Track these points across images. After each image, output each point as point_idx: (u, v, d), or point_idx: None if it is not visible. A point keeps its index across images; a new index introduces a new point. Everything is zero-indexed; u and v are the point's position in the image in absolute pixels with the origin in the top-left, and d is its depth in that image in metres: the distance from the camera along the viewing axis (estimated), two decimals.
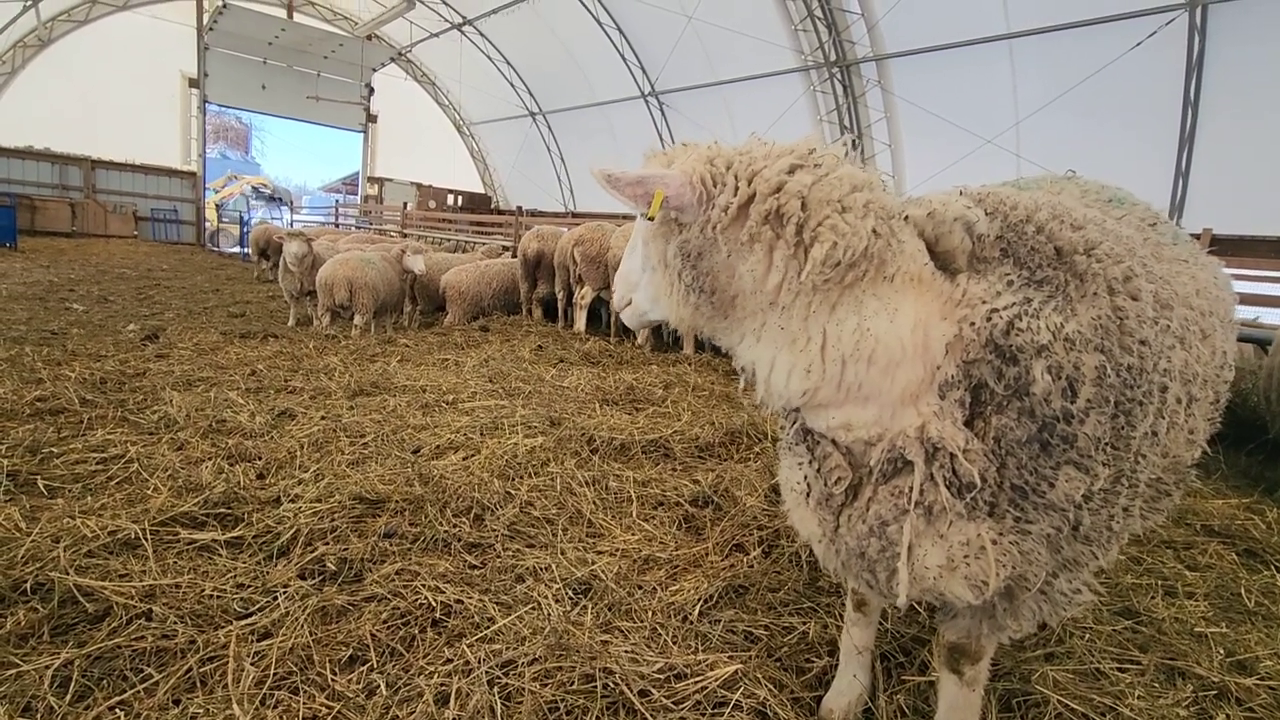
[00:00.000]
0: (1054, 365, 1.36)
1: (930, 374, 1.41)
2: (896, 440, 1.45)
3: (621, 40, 20.63)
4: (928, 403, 1.42)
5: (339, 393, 5.09)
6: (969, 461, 1.40)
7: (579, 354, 7.13)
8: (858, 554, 1.61)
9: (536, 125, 27.35)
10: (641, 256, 1.67)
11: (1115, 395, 1.39)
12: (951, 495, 1.43)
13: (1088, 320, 1.39)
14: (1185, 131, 11.65)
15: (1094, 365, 1.37)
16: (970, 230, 1.45)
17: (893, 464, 1.48)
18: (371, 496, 3.26)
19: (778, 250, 1.39)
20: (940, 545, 1.48)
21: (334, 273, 7.80)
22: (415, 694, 2.02)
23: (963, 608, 1.63)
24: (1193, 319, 1.69)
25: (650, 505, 3.50)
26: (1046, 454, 1.39)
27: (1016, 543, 1.46)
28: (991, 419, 1.41)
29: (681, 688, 2.10)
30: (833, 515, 1.63)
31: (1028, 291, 1.42)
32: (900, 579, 1.51)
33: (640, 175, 1.42)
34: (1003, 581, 1.49)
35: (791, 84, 17.41)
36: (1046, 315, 1.38)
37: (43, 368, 5.05)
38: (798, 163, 1.42)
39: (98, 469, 3.44)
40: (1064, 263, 1.44)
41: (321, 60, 25.01)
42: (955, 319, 1.40)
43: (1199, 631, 2.62)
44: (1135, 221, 1.89)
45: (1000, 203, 1.56)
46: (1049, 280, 1.43)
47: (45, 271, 12.20)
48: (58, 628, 2.24)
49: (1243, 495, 4.18)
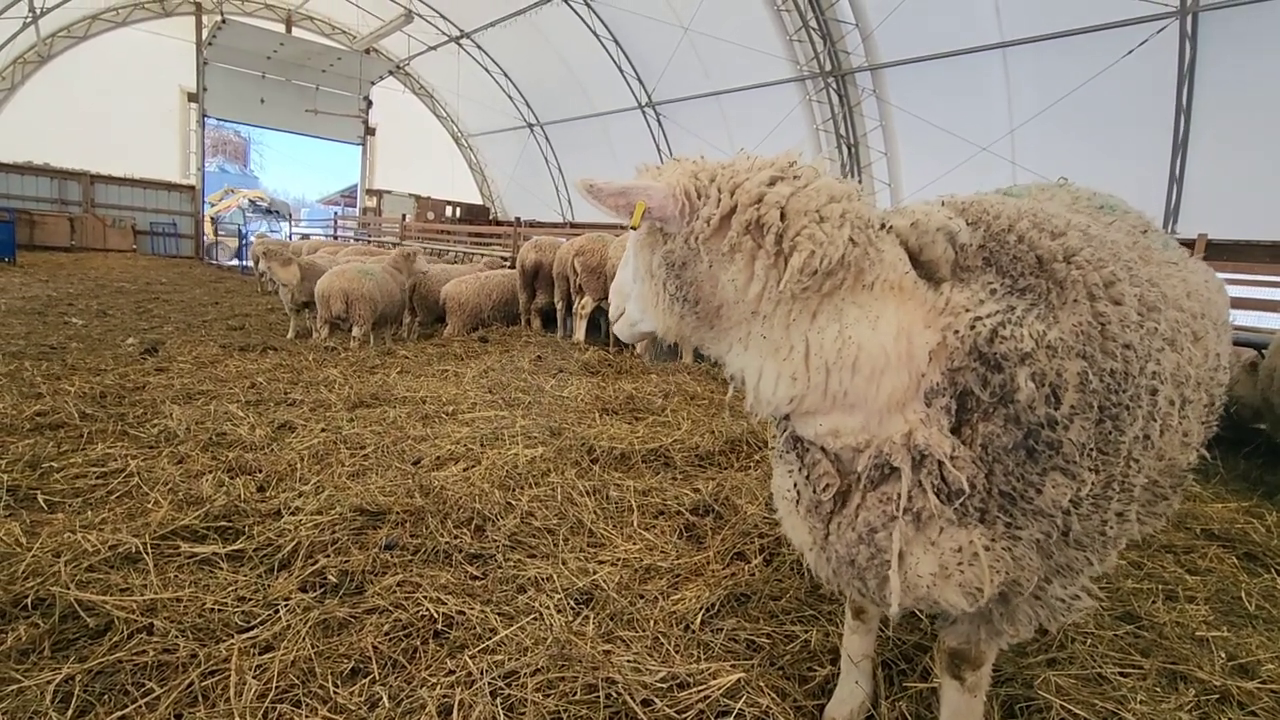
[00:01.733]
0: (1037, 372, 1.37)
1: (916, 381, 1.43)
2: (883, 447, 1.46)
3: (618, 52, 20.77)
4: (914, 409, 1.43)
5: (339, 405, 5.09)
6: (956, 468, 1.41)
7: (578, 364, 7.14)
8: (848, 561, 1.62)
9: (534, 136, 27.48)
10: (632, 267, 1.70)
11: (1099, 400, 1.40)
12: (940, 502, 1.44)
13: (1069, 327, 1.41)
14: (1178, 138, 11.73)
15: (1076, 371, 1.38)
16: (953, 240, 1.48)
17: (880, 470, 1.50)
18: (372, 508, 3.26)
19: (758, 260, 1.42)
20: (932, 552, 1.49)
21: (330, 284, 7.82)
22: (418, 706, 2.02)
23: (960, 614, 1.64)
24: (1183, 321, 1.71)
25: (651, 514, 3.50)
26: (1033, 460, 1.41)
27: (1009, 549, 1.47)
28: (978, 426, 1.42)
29: (684, 697, 2.10)
30: (822, 523, 1.64)
31: (1011, 299, 1.44)
32: (891, 586, 1.51)
33: (623, 187, 1.46)
34: (997, 588, 1.50)
35: (787, 94, 17.52)
36: (1029, 323, 1.39)
37: (42, 382, 5.06)
38: (778, 175, 1.45)
39: (98, 483, 3.44)
40: (1045, 270, 1.46)
41: (320, 74, 25.18)
42: (939, 327, 1.42)
43: (1200, 636, 2.62)
44: (1125, 228, 1.91)
45: (983, 212, 1.58)
46: (1031, 288, 1.45)
47: (44, 286, 12.21)
48: (59, 643, 2.24)
49: (1242, 499, 4.19)
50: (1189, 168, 11.87)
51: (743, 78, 18.02)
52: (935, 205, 1.59)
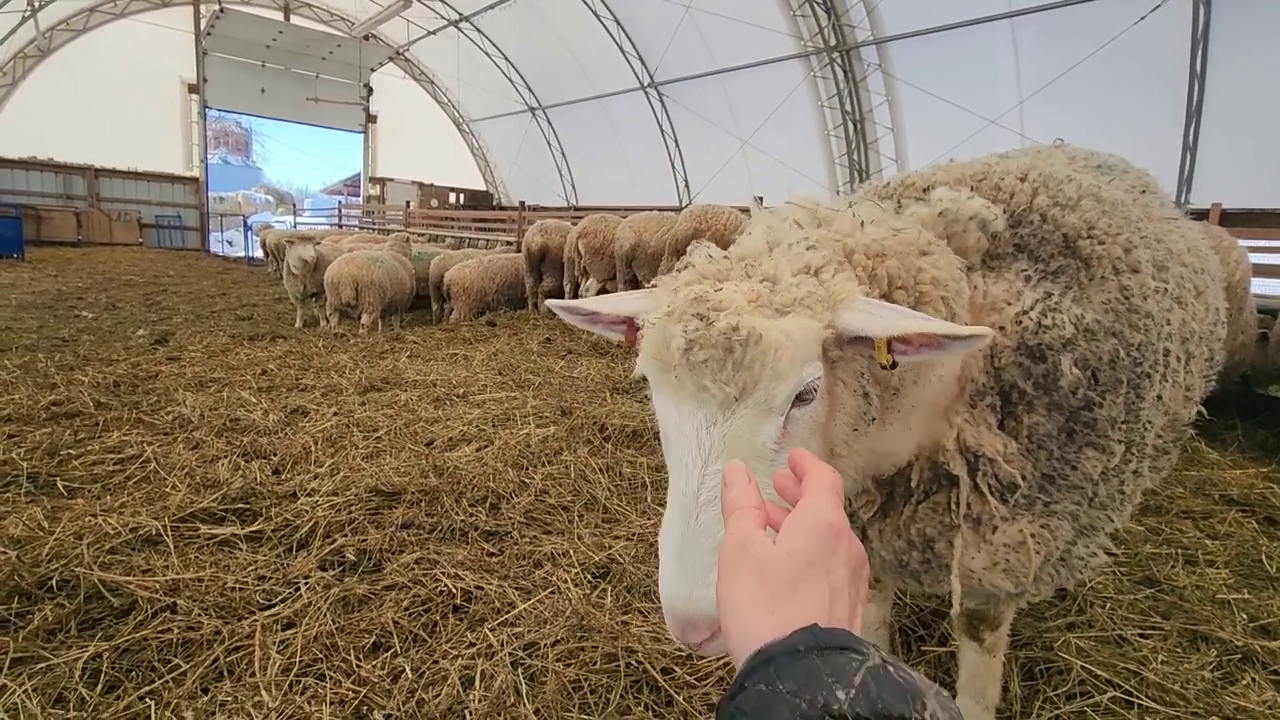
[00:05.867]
0: (1079, 358, 1.34)
1: (962, 387, 1.38)
2: (936, 457, 1.40)
3: (619, 32, 20.53)
4: (957, 411, 1.39)
5: (350, 389, 5.11)
6: (1009, 464, 1.38)
7: (587, 344, 7.13)
8: (896, 565, 1.58)
9: (536, 120, 27.27)
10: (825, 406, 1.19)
11: (1127, 375, 1.39)
12: (998, 502, 1.40)
13: (1099, 305, 1.38)
14: (1191, 106, 11.51)
15: (1109, 349, 1.37)
16: (985, 228, 1.40)
17: (935, 480, 1.44)
18: (387, 489, 3.27)
19: None
20: (986, 549, 1.45)
21: (340, 272, 7.83)
22: (440, 677, 2.03)
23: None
24: (1187, 276, 1.68)
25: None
26: (1071, 441, 1.39)
27: (1046, 525, 1.46)
28: (1023, 418, 1.39)
29: (704, 665, 2.11)
30: (859, 530, 1.60)
31: (1046, 285, 1.39)
32: (954, 591, 1.45)
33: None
34: (1039, 566, 1.48)
35: (791, 70, 17.29)
36: (1067, 308, 1.36)
37: (56, 373, 5.09)
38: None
39: (115, 469, 3.47)
40: (1071, 249, 1.42)
41: (319, 62, 25.03)
42: (986, 325, 1.36)
43: (1221, 598, 2.61)
44: (1124, 187, 1.87)
45: (996, 190, 1.52)
46: (1063, 269, 1.41)
47: (53, 281, 12.28)
48: (85, 622, 2.26)
49: (1261, 465, 4.15)
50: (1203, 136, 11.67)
51: (746, 55, 17.77)
52: (964, 192, 1.47)
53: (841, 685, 0.48)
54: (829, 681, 0.49)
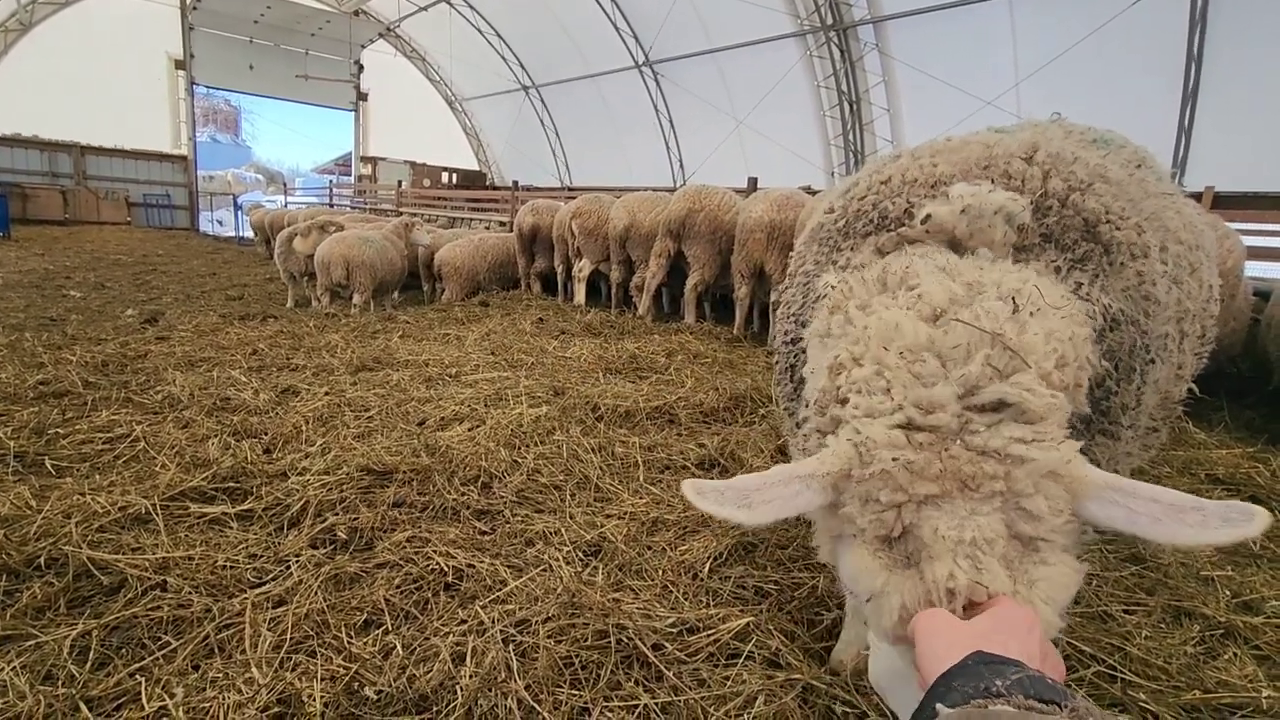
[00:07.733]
0: (1108, 350, 1.33)
1: None
2: None
3: (614, 9, 20.25)
4: None
5: (341, 369, 5.08)
6: None
7: (580, 325, 7.11)
8: None
9: (530, 99, 26.97)
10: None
11: (1140, 364, 1.38)
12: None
13: (1119, 292, 1.36)
14: (1188, 89, 11.48)
15: (1130, 338, 1.36)
16: (1011, 222, 1.35)
17: None
18: (379, 468, 3.27)
19: None
20: None
21: (331, 251, 7.76)
22: (432, 653, 2.04)
23: None
24: (1183, 254, 1.67)
25: (657, 469, 3.51)
26: (1086, 431, 1.37)
27: None
28: None
29: (695, 641, 2.13)
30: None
31: (1076, 275, 1.36)
32: None
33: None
34: None
35: (788, 49, 17.13)
36: (1097, 298, 1.33)
37: (44, 352, 5.04)
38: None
39: (104, 448, 3.45)
40: (1092, 234, 1.39)
41: (309, 38, 24.60)
42: None
43: (1205, 575, 2.65)
44: (1120, 162, 1.85)
45: (1005, 176, 1.47)
46: (1088, 256, 1.37)
47: (40, 259, 12.13)
48: (74, 600, 2.26)
49: (1246, 445, 4.19)
50: (1198, 119, 11.64)
51: (742, 33, 17.59)
52: (985, 186, 1.40)
53: (1001, 679, 0.68)
54: (990, 677, 0.68)
